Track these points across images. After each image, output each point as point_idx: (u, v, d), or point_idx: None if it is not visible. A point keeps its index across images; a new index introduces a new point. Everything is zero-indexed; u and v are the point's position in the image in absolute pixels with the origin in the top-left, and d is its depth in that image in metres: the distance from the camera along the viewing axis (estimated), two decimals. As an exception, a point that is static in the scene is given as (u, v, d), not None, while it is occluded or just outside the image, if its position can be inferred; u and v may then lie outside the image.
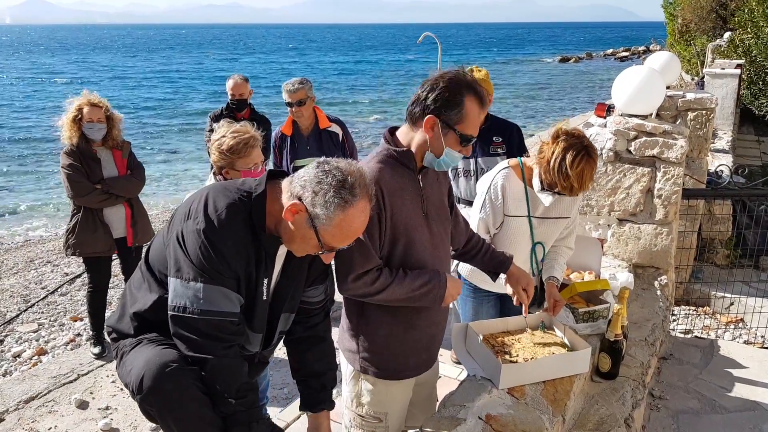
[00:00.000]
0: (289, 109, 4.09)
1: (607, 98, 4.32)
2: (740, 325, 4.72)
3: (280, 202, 1.65)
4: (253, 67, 47.41)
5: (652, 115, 3.80)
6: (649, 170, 3.57)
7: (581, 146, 2.38)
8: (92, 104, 3.87)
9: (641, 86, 3.57)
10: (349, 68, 45.77)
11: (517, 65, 50.81)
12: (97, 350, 4.12)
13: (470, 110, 1.92)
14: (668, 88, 5.36)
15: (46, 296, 6.07)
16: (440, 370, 3.80)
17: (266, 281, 1.75)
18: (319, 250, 1.66)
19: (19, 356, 4.68)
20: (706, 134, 5.68)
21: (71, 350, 4.66)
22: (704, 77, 9.21)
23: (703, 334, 4.51)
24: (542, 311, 2.59)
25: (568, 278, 3.04)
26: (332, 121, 4.22)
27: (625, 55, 55.80)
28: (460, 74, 1.95)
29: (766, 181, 4.11)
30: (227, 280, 1.64)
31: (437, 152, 1.96)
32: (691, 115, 5.62)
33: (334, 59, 59.16)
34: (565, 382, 2.30)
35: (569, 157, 2.35)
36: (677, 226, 3.90)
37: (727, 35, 12.61)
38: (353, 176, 1.60)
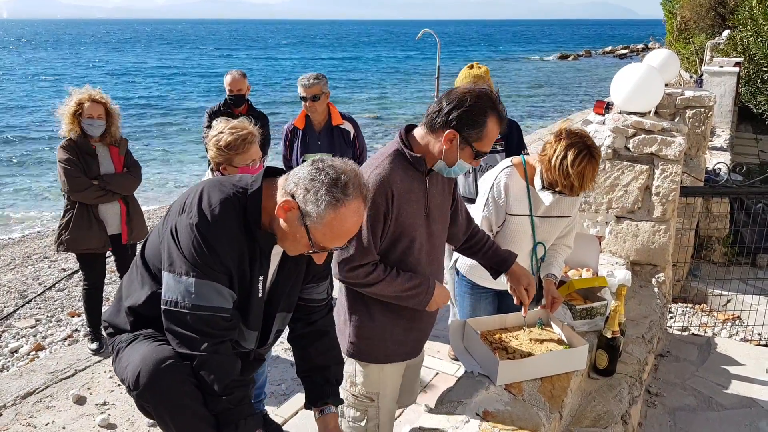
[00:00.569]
0: (303, 103, 4.11)
1: (605, 96, 4.32)
2: (737, 322, 4.73)
3: (275, 199, 1.63)
4: (251, 63, 47.28)
5: (650, 112, 3.80)
6: (647, 167, 3.57)
7: (583, 146, 2.38)
8: (93, 100, 3.84)
9: (640, 84, 3.57)
10: (347, 65, 45.68)
11: (516, 62, 50.78)
12: (94, 346, 4.11)
13: (491, 130, 2.02)
14: (667, 85, 5.36)
15: (43, 292, 6.06)
16: (438, 366, 3.82)
17: (261, 279, 1.73)
18: (309, 249, 1.63)
19: (16, 352, 4.68)
20: (704, 132, 5.69)
21: (69, 346, 4.65)
22: (703, 75, 9.23)
23: (700, 331, 4.52)
24: (540, 308, 2.60)
25: (565, 275, 3.05)
26: (345, 118, 4.24)
27: (624, 52, 55.82)
28: (487, 93, 2.02)
29: (763, 179, 4.12)
30: (219, 275, 1.63)
31: (450, 163, 2.06)
32: (689, 112, 5.62)
33: (331, 55, 59.03)
34: (562, 378, 2.30)
35: (571, 155, 2.35)
36: (675, 223, 3.90)
37: (726, 33, 12.61)
38: (347, 175, 1.57)
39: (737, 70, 9.11)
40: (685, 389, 3.25)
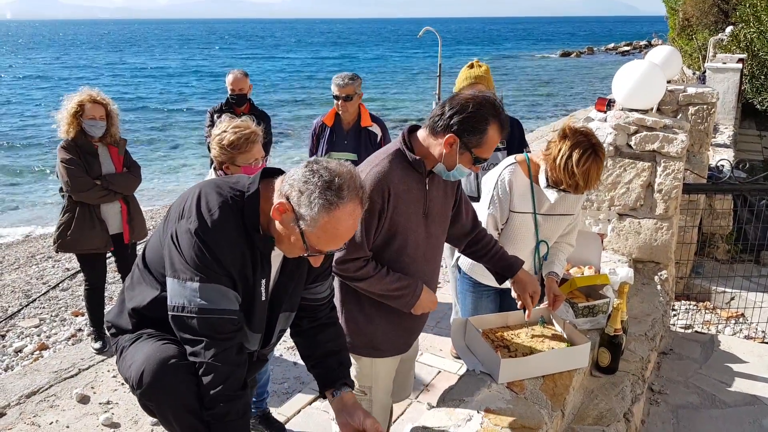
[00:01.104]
0: (335, 102, 4.14)
1: (607, 93, 4.31)
2: (741, 320, 4.72)
3: (272, 201, 1.61)
4: (251, 62, 47.24)
5: (652, 109, 3.79)
6: (649, 165, 3.56)
7: (589, 145, 2.37)
8: (94, 101, 3.85)
9: (642, 80, 3.56)
10: (348, 64, 45.58)
11: (518, 60, 50.67)
12: (98, 345, 4.12)
13: (491, 137, 2.03)
14: (669, 82, 5.35)
15: (47, 291, 6.08)
16: (440, 364, 3.82)
17: (264, 282, 1.73)
18: (305, 251, 1.60)
19: (20, 351, 4.69)
20: (707, 129, 5.67)
21: (72, 345, 4.67)
22: (706, 71, 9.19)
23: (703, 329, 4.51)
24: (542, 306, 2.60)
25: (567, 273, 3.04)
26: (374, 120, 4.27)
27: (626, 49, 55.62)
28: (490, 100, 2.03)
29: (767, 175, 4.10)
30: (222, 278, 1.62)
31: (449, 166, 2.07)
32: (692, 109, 5.60)
33: (331, 54, 58.87)
34: (564, 376, 2.30)
35: (576, 155, 2.35)
36: (678, 220, 3.89)
37: (729, 29, 12.56)
38: (341, 178, 1.54)
39: (740, 66, 9.07)
40: (688, 387, 3.24)
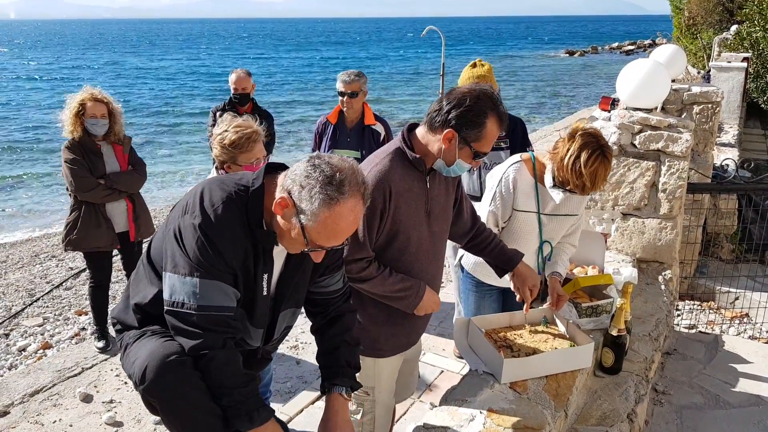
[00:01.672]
0: (340, 98, 4.14)
1: (612, 92, 4.30)
2: (745, 320, 4.70)
3: (275, 196, 1.61)
4: (253, 62, 47.26)
5: (657, 108, 3.77)
6: (653, 164, 3.54)
7: (597, 146, 2.36)
8: (95, 99, 3.86)
9: (646, 79, 3.54)
10: (350, 64, 45.57)
11: (521, 59, 50.58)
12: (101, 344, 4.13)
13: (490, 131, 2.01)
14: (674, 81, 5.32)
15: (51, 290, 6.09)
16: (443, 364, 3.82)
17: (266, 277, 1.73)
18: (305, 247, 1.60)
19: (24, 350, 4.71)
20: (711, 128, 5.65)
21: (76, 344, 4.68)
22: (710, 70, 9.15)
23: (707, 329, 4.49)
24: (545, 306, 2.59)
25: (571, 273, 3.03)
26: (378, 119, 4.27)
27: (630, 48, 55.51)
28: (487, 93, 2.02)
29: (772, 175, 4.08)
30: (224, 274, 1.62)
31: (449, 162, 2.06)
32: (696, 108, 5.58)
33: (335, 54, 58.84)
34: (567, 376, 2.29)
35: (584, 156, 2.34)
36: (682, 220, 3.88)
37: (734, 28, 12.52)
38: (343, 173, 1.54)
39: (745, 65, 9.04)
40: (692, 387, 3.22)
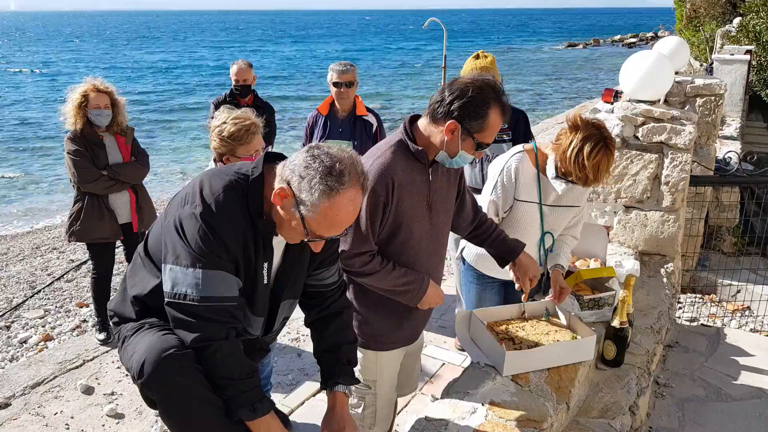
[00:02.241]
0: (335, 89, 4.11)
1: (614, 85, 4.27)
2: (747, 313, 4.69)
3: (274, 186, 1.61)
4: (250, 55, 47.07)
5: (660, 100, 3.75)
6: (656, 156, 3.52)
7: (600, 137, 2.34)
8: (98, 90, 3.85)
9: (649, 71, 3.51)
10: (350, 57, 45.40)
11: (524, 51, 50.40)
12: (102, 336, 4.13)
13: (493, 122, 1.99)
14: (677, 73, 5.29)
15: (52, 282, 6.09)
16: (444, 357, 3.82)
17: (266, 265, 1.73)
18: (305, 237, 1.61)
19: (25, 342, 4.71)
20: (714, 120, 5.61)
21: (77, 336, 4.68)
22: (713, 63, 9.10)
23: (709, 322, 4.48)
24: (547, 298, 2.58)
25: (573, 266, 3.02)
26: (369, 111, 4.26)
27: (633, 41, 55.23)
28: (489, 84, 2.00)
29: (775, 168, 4.06)
30: (226, 263, 1.62)
31: (452, 153, 2.04)
32: (699, 101, 5.54)
33: (335, 47, 58.55)
34: (569, 369, 2.29)
35: (587, 148, 2.32)
36: (684, 213, 3.86)
37: (737, 20, 12.44)
38: (342, 163, 1.54)
39: (748, 58, 8.98)
40: (694, 380, 3.22)
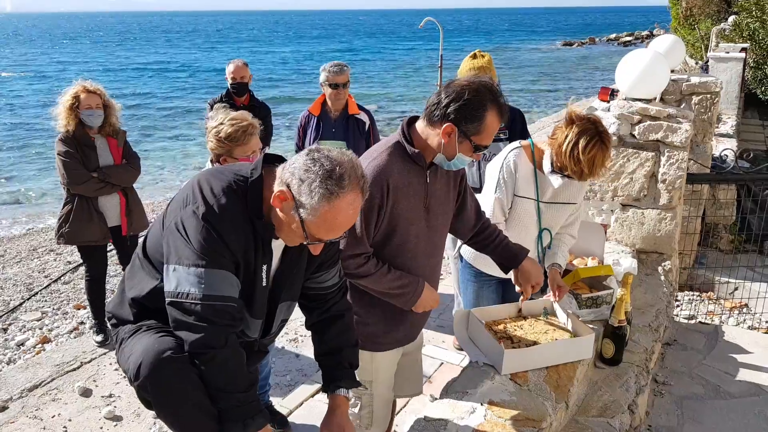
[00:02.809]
0: (330, 90, 4.08)
1: (610, 83, 4.28)
2: (744, 310, 4.71)
3: (273, 188, 1.61)
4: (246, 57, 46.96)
5: (656, 99, 3.75)
6: (653, 155, 3.53)
7: (595, 132, 2.35)
8: (88, 91, 3.83)
9: (645, 70, 3.52)
10: (346, 57, 45.32)
11: (519, 51, 50.45)
12: (99, 338, 4.12)
13: (490, 124, 1.97)
14: (672, 72, 5.30)
15: (49, 285, 6.07)
16: (443, 356, 3.81)
17: (265, 268, 1.72)
18: (304, 240, 1.61)
19: (22, 344, 4.69)
20: (710, 118, 5.64)
21: (74, 338, 4.67)
22: (709, 61, 9.13)
23: (707, 319, 4.49)
24: (545, 297, 2.58)
25: (571, 264, 3.03)
26: (361, 109, 4.25)
27: (628, 39, 55.31)
28: (486, 86, 1.98)
29: (771, 165, 4.07)
30: (228, 263, 1.62)
31: (449, 156, 2.03)
32: (695, 99, 5.57)
33: (329, 47, 58.44)
34: (568, 368, 2.29)
35: (582, 142, 2.32)
36: (681, 211, 3.87)
37: (731, 19, 12.47)
38: (342, 167, 1.54)
39: (743, 56, 9.01)
40: (692, 378, 3.23)
